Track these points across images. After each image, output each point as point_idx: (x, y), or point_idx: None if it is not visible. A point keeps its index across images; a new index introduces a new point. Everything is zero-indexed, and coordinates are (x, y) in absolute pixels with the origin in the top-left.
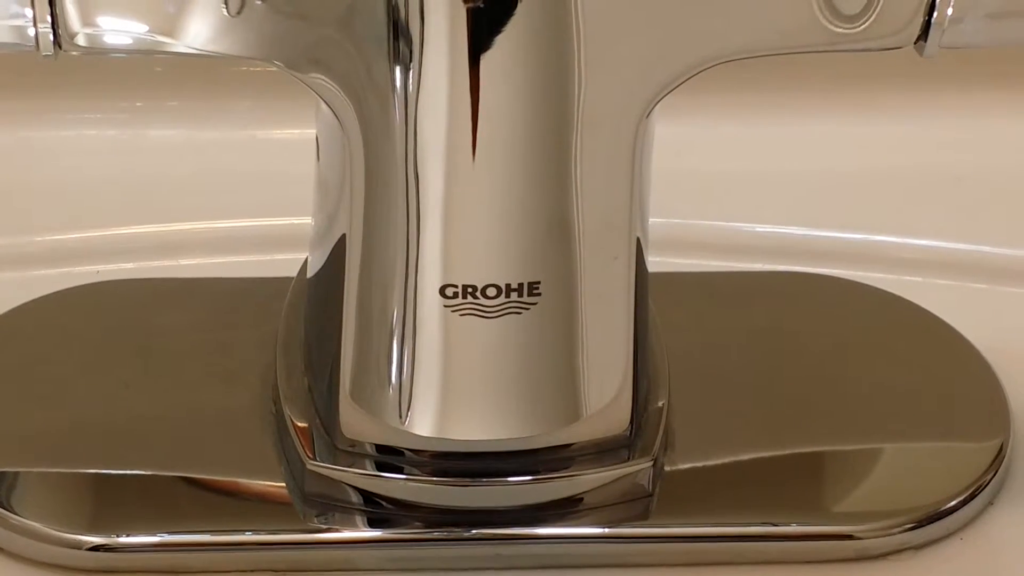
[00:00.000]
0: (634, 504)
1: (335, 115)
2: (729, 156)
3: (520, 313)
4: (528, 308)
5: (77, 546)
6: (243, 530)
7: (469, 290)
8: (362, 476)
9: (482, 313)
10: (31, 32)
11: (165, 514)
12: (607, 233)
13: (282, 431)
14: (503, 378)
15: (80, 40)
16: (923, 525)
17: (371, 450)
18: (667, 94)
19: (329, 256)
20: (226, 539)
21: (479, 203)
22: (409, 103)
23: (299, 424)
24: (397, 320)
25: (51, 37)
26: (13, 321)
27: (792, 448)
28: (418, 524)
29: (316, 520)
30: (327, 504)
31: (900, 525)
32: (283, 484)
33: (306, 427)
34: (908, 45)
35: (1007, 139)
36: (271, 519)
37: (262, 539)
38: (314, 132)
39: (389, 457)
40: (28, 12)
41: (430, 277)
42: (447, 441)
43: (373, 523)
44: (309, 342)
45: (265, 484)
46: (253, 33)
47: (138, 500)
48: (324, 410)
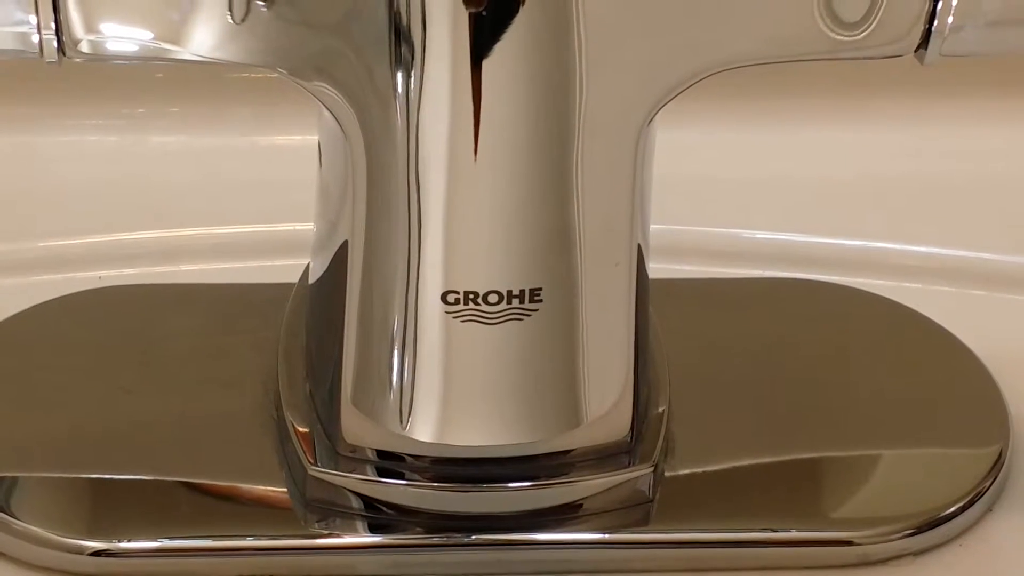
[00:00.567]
0: (634, 510)
1: (337, 122)
2: (730, 163)
3: (521, 320)
4: (529, 315)
5: (78, 551)
6: (244, 535)
7: (471, 296)
8: (363, 482)
9: (483, 319)
10: (35, 39)
11: (166, 519)
12: (608, 240)
13: (283, 436)
14: (504, 384)
15: (84, 47)
16: (923, 531)
17: (372, 456)
18: (668, 101)
19: (331, 262)
20: (227, 544)
21: (481, 210)
22: (411, 110)
23: (300, 429)
24: (399, 326)
25: (55, 44)
26: (15, 327)
27: (792, 454)
28: (419, 530)
29: (317, 525)
30: (328, 509)
31: (900, 531)
32: (284, 489)
33: (307, 432)
34: (909, 53)
35: (1006, 146)
36: (272, 524)
37: (263, 544)
38: (315, 138)
39: (390, 463)
40: (32, 19)
41: (432, 283)
42: (448, 447)
43: (374, 529)
44: (310, 348)
45: (266, 489)
46: (257, 40)
47: (139, 505)
48: (325, 416)
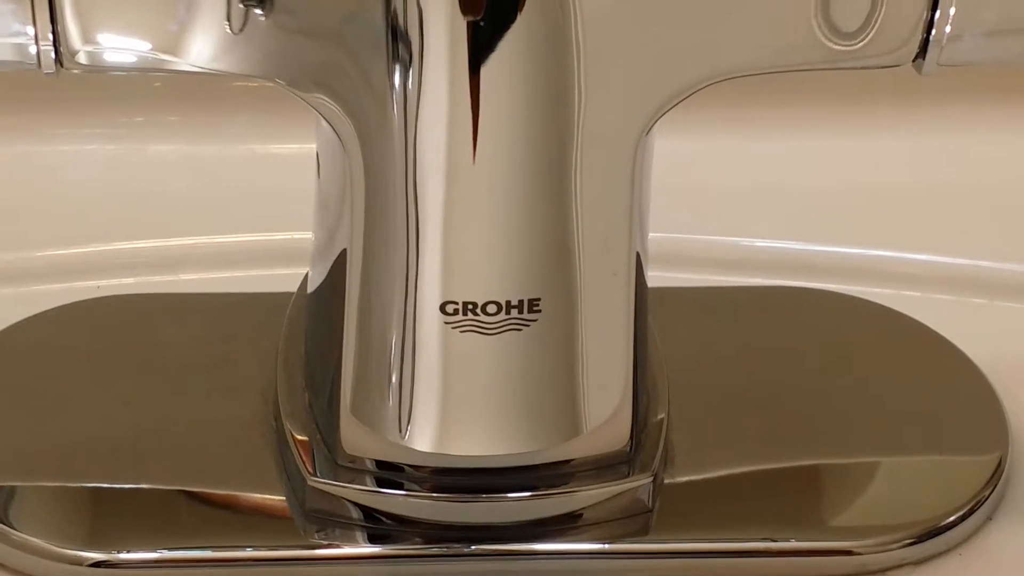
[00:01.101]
0: (634, 520)
1: (335, 133)
2: (728, 171)
3: (520, 330)
4: (528, 325)
5: (78, 562)
6: (243, 546)
7: (469, 307)
8: (362, 492)
9: (482, 330)
10: (32, 50)
11: (166, 530)
12: (607, 249)
13: (283, 446)
14: (503, 394)
15: (81, 58)
16: (922, 540)
17: (371, 466)
18: (667, 111)
19: (329, 272)
20: (227, 555)
21: (479, 220)
22: (409, 120)
23: (300, 440)
24: (397, 336)
25: (52, 55)
26: (14, 336)
27: (791, 463)
28: (418, 540)
29: (317, 536)
30: (327, 520)
31: (899, 540)
32: (283, 500)
33: (307, 443)
34: (907, 63)
35: (1006, 154)
36: (272, 535)
37: (263, 555)
38: (313, 147)
39: (389, 473)
40: (30, 30)
41: (430, 294)
42: (447, 457)
43: (373, 539)
44: (310, 357)
45: (265, 500)
46: (255, 51)
47: (138, 515)
48: (325, 426)
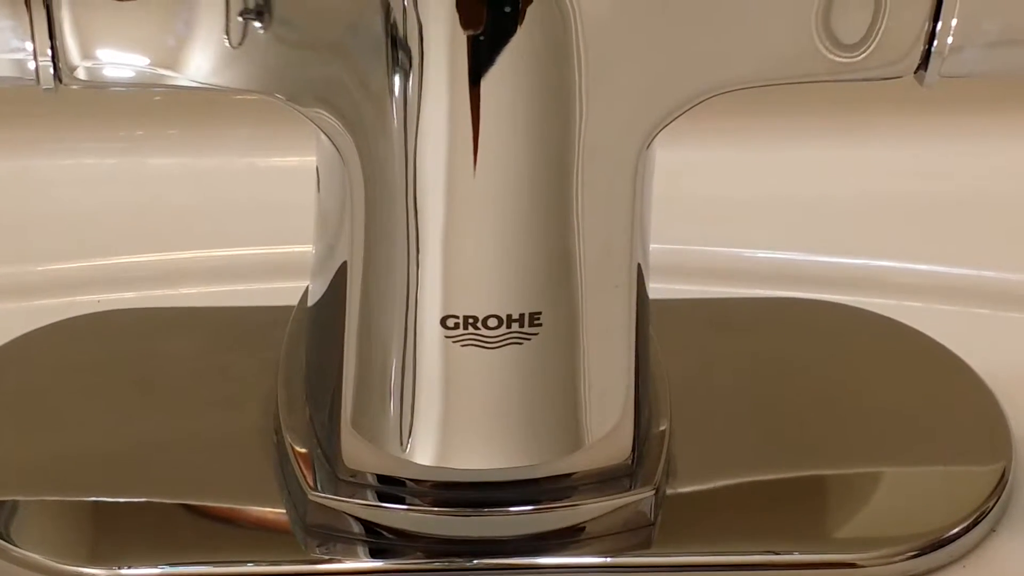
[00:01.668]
0: (636, 533)
1: (335, 147)
2: (729, 182)
3: (521, 344)
4: (529, 339)
5: None
6: (245, 561)
7: (470, 321)
8: (364, 507)
9: (483, 344)
10: (31, 66)
11: (167, 545)
12: (608, 263)
13: (284, 461)
14: (505, 408)
15: (80, 74)
16: (926, 552)
17: (372, 480)
18: (667, 124)
19: (330, 286)
20: (228, 571)
21: (480, 235)
22: (409, 135)
23: (301, 454)
24: (398, 351)
25: (51, 71)
26: (15, 350)
27: (793, 474)
28: (420, 554)
29: (318, 551)
30: (329, 534)
31: (902, 553)
32: (285, 515)
33: (308, 457)
34: (908, 74)
35: (1008, 164)
36: (273, 550)
37: (264, 571)
38: (313, 159)
39: (391, 487)
40: (28, 46)
41: (431, 309)
42: (449, 470)
43: (375, 554)
44: (310, 371)
45: (267, 515)
46: (255, 65)
47: (140, 530)
48: (325, 440)
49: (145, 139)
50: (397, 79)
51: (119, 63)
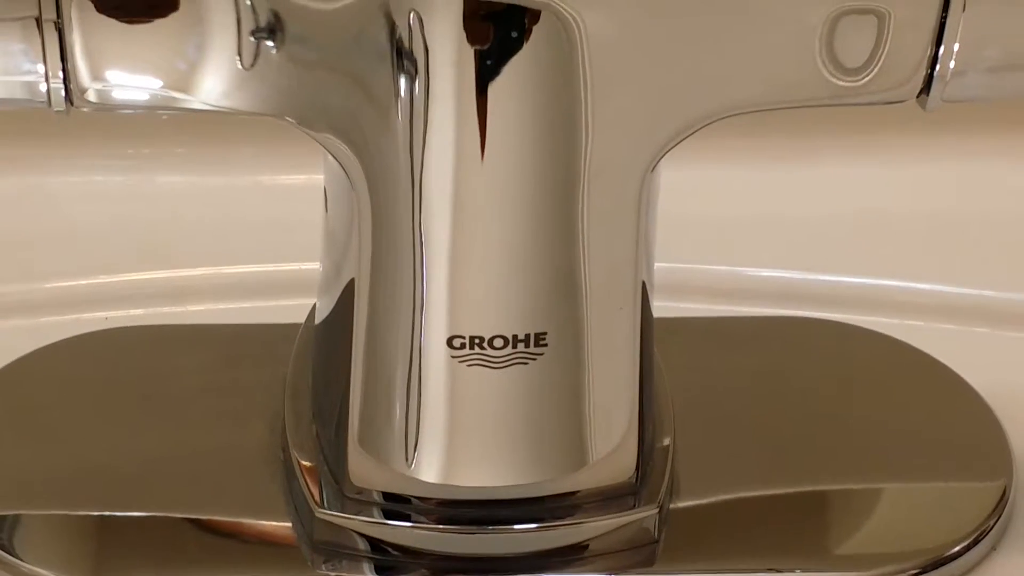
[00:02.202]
0: (640, 551)
1: (343, 169)
2: (732, 200)
3: (527, 363)
4: (535, 358)
5: None
6: None
7: (476, 341)
8: (370, 523)
9: (489, 364)
10: (43, 88)
11: (173, 560)
12: (613, 284)
13: (290, 478)
14: (510, 427)
15: (91, 96)
16: (927, 571)
17: (379, 497)
18: (671, 148)
19: (337, 304)
20: None
21: (486, 255)
22: (415, 158)
23: (307, 471)
24: (404, 370)
25: (63, 93)
26: (23, 368)
27: (795, 492)
28: (425, 571)
29: (324, 568)
30: (335, 551)
31: (903, 571)
32: (291, 531)
33: (314, 474)
34: (911, 99)
35: (1009, 184)
36: (279, 567)
37: None
38: (320, 177)
39: (397, 505)
40: (40, 68)
41: (437, 328)
42: (454, 488)
43: (381, 570)
44: (317, 388)
45: (273, 532)
46: (266, 88)
47: (145, 545)
48: (332, 457)
49: (153, 157)
50: (402, 101)
51: (130, 85)
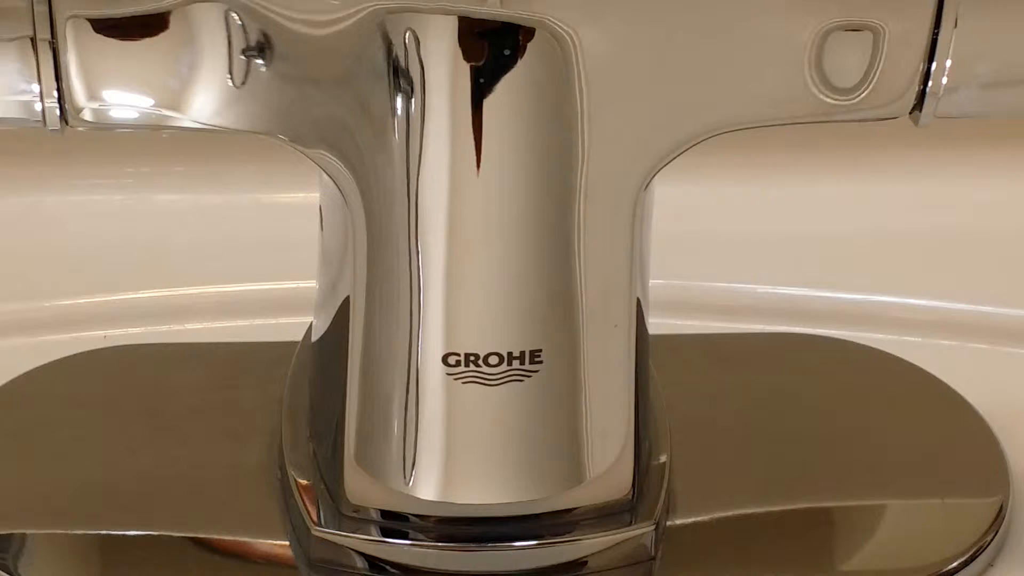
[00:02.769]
0: (637, 567)
1: (337, 187)
2: (729, 217)
3: (522, 381)
4: (530, 376)
5: None
6: None
7: (471, 358)
8: (367, 541)
9: (485, 381)
10: (38, 107)
11: None
12: (608, 301)
13: (287, 496)
14: (506, 444)
15: (86, 115)
16: None
17: (376, 515)
18: (664, 166)
19: (333, 322)
20: None
21: (481, 273)
22: (411, 175)
23: (304, 489)
24: (400, 387)
25: (58, 112)
26: (22, 386)
27: (792, 509)
28: None
29: None
30: (332, 569)
31: None
32: (288, 549)
33: (311, 492)
34: (903, 115)
35: (1008, 199)
36: None
37: None
38: (317, 195)
39: (394, 523)
40: (35, 87)
41: (432, 346)
42: (451, 506)
43: None
44: (314, 406)
45: (270, 550)
46: (257, 106)
47: (144, 564)
48: (329, 475)
49: (152, 175)
50: (398, 119)
51: (124, 104)
